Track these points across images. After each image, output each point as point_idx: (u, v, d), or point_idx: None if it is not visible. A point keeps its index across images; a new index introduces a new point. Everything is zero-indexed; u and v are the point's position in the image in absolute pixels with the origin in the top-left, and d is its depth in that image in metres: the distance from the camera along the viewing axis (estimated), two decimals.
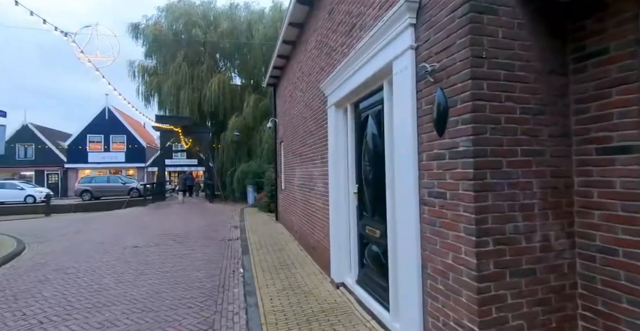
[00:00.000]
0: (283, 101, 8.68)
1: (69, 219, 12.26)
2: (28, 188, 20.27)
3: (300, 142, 6.38)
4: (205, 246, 7.22)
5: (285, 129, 8.43)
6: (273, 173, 11.16)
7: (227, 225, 10.16)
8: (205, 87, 18.06)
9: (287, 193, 8.21)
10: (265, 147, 15.24)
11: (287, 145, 8.09)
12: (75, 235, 8.76)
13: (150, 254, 6.53)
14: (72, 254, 6.67)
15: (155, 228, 9.72)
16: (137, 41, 19.98)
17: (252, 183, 15.26)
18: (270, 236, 7.72)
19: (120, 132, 29.31)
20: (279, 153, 9.81)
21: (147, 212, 13.92)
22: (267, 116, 16.74)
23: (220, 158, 18.46)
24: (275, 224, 9.49)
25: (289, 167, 7.89)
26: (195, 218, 11.77)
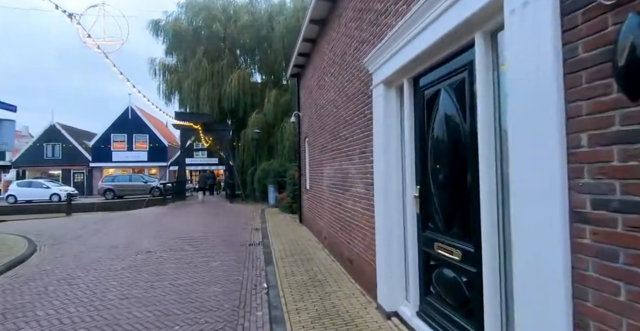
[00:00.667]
0: (308, 92, 7.85)
1: (89, 219, 11.99)
2: (53, 186, 20.56)
3: (331, 135, 5.51)
4: (224, 252, 6.51)
5: (310, 123, 7.60)
6: (296, 172, 10.38)
7: (248, 228, 9.46)
8: (225, 83, 17.57)
9: (313, 194, 7.37)
10: (287, 145, 14.51)
11: (313, 140, 7.25)
12: (90, 238, 8.30)
13: (164, 261, 5.87)
14: (82, 259, 6.12)
15: (172, 230, 9.15)
16: (158, 38, 19.80)
17: (273, 183, 14.56)
18: (295, 242, 6.91)
19: (143, 131, 29.55)
20: (302, 150, 9.00)
21: (166, 211, 13.51)
22: (288, 112, 16.02)
23: (241, 157, 17.93)
24: (299, 227, 8.68)
25: (316, 165, 7.05)
26: (214, 219, 11.18)
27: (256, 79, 19.49)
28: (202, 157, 32.03)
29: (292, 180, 11.92)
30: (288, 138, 14.46)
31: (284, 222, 9.70)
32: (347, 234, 4.68)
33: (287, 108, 16.42)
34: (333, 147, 5.43)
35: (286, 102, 16.63)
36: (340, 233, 5.04)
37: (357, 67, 4.09)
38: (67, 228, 9.94)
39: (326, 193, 5.99)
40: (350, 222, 4.53)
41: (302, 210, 9.04)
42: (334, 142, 5.35)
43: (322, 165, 6.39)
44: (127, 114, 29.48)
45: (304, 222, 8.78)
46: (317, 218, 6.86)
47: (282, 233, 7.87)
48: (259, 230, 8.96)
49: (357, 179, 4.18)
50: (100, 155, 28.27)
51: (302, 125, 9.01)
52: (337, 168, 5.21)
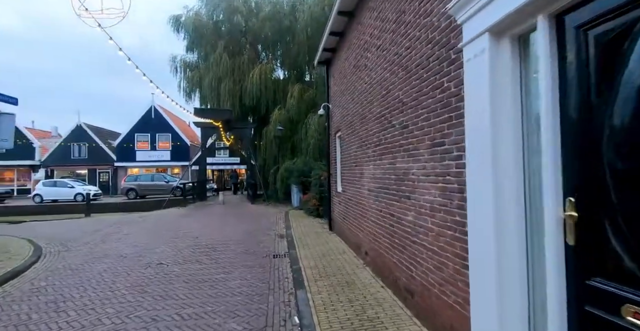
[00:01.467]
0: (340, 78, 6.72)
1: (106, 221, 11.45)
2: (77, 186, 20.59)
3: (378, 125, 4.36)
4: (244, 266, 5.51)
5: (344, 114, 6.47)
6: (324, 172, 9.30)
7: (271, 233, 8.47)
8: (247, 79, 16.75)
9: (348, 199, 6.24)
10: (312, 142, 13.45)
11: (348, 134, 6.12)
12: (100, 244, 7.58)
13: (175, 278, 4.93)
14: (84, 273, 5.31)
15: (190, 235, 8.30)
16: (179, 34, 19.33)
17: (297, 183, 13.55)
18: (327, 255, 5.80)
19: (166, 131, 29.46)
20: (332, 147, 7.89)
21: (185, 213, 12.81)
22: (313, 108, 14.96)
23: (262, 156, 17.06)
24: (329, 236, 7.58)
25: (351, 164, 5.92)
26: (235, 222, 10.29)
27: (278, 75, 18.60)
28: (224, 156, 31.60)
29: (318, 181, 10.85)
30: (313, 136, 13.41)
31: (310, 228, 8.63)
32: (404, 255, 3.52)
33: (311, 104, 15.37)
34: (380, 140, 4.28)
35: (310, 98, 15.58)
36: (392, 252, 3.89)
37: (427, 25, 2.92)
38: (81, 231, 9.34)
39: (368, 199, 4.85)
40: (411, 240, 3.36)
41: (332, 216, 7.93)
42: (382, 133, 4.20)
43: (361, 164, 5.26)
44: (150, 114, 29.49)
45: (335, 230, 7.67)
46: (355, 229, 5.72)
47: (311, 243, 6.79)
48: (284, 237, 7.95)
49: (425, 183, 3.01)
50: (124, 155, 28.40)
51: (332, 119, 7.90)
52: (386, 167, 4.05)
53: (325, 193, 9.29)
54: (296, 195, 13.60)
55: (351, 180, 5.97)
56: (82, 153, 27.67)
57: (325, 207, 9.32)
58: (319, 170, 11.01)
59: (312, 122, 13.66)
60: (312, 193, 11.21)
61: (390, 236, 3.94)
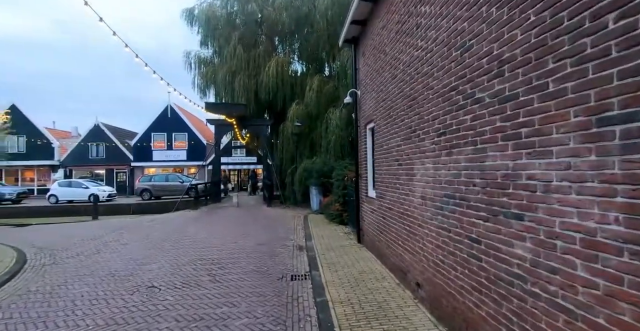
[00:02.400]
0: (375, 54, 5.36)
1: (111, 226, 10.57)
2: (92, 187, 20.14)
3: (445, 104, 2.99)
4: (255, 294, 4.27)
5: (379, 100, 5.12)
6: (350, 172, 7.99)
7: (289, 244, 7.23)
8: (262, 72, 15.61)
9: (387, 207, 4.89)
10: (333, 139, 12.12)
11: (387, 124, 4.77)
12: (92, 256, 6.56)
13: (164, 314, 3.75)
14: (55, 300, 4.23)
15: (195, 245, 7.18)
16: (192, 28, 18.48)
17: (316, 184, 12.28)
18: (361, 280, 4.47)
19: (182, 130, 28.93)
20: (361, 142, 6.55)
21: (196, 217, 11.78)
22: (333, 102, 13.63)
23: (279, 155, 15.89)
24: (358, 250, 6.23)
25: (392, 161, 4.56)
26: (248, 229, 9.12)
27: (296, 68, 17.38)
28: (241, 155, 30.79)
29: (341, 182, 9.52)
30: (334, 132, 12.08)
31: (335, 239, 7.31)
32: (506, 311, 2.14)
33: (332, 97, 14.05)
34: (447, 126, 2.92)
35: (331, 91, 14.24)
36: (474, 297, 2.51)
37: None
38: (80, 238, 8.42)
39: (423, 210, 3.49)
40: (524, 290, 1.99)
41: (362, 225, 6.59)
42: (451, 116, 2.83)
43: (408, 162, 3.90)
44: (166, 113, 29.04)
45: (366, 243, 6.33)
46: (397, 247, 4.37)
47: (337, 261, 5.47)
48: (304, 249, 6.69)
49: (571, 195, 1.64)
50: (141, 155, 28.06)
51: (360, 108, 6.56)
52: (462, 165, 2.69)
53: (351, 197, 7.97)
54: (315, 197, 12.32)
55: (391, 183, 4.62)
56: (100, 153, 27.51)
57: (351, 213, 8.00)
58: (342, 170, 9.68)
59: (333, 116, 12.34)
60: (334, 197, 9.89)
61: (472, 271, 2.57)
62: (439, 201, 3.10)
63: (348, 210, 8.77)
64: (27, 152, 26.08)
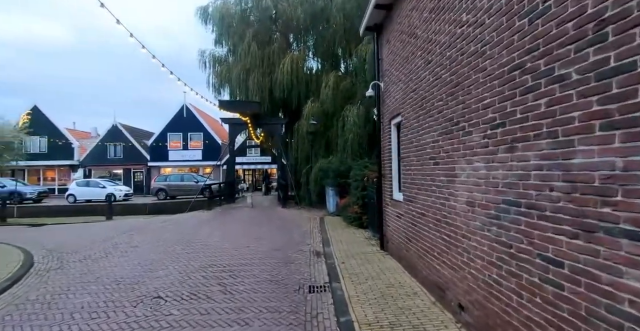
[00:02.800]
0: (403, 39, 4.78)
1: (124, 226, 10.37)
2: (109, 186, 20.29)
3: (505, 87, 2.41)
4: (270, 310, 3.79)
5: (408, 90, 4.55)
6: (372, 172, 7.43)
7: (305, 249, 6.74)
8: (277, 70, 15.19)
9: (418, 212, 4.31)
10: (350, 138, 11.56)
11: (418, 117, 4.19)
12: (100, 260, 6.26)
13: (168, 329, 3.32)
14: (53, 312, 3.88)
15: (207, 249, 6.79)
16: (207, 26, 18.28)
17: (333, 185, 11.74)
18: (389, 296, 3.91)
19: (198, 130, 28.97)
20: (385, 139, 5.98)
21: (209, 218, 11.46)
22: (350, 99, 13.07)
23: (294, 154, 15.43)
24: (382, 258, 5.66)
25: (425, 159, 3.99)
26: (262, 231, 8.69)
27: (311, 65, 16.89)
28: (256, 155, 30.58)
29: (360, 183, 8.96)
30: (351, 130, 11.51)
31: (355, 244, 6.76)
32: None
33: (348, 94, 13.49)
34: (507, 115, 2.33)
35: (347, 87, 13.68)
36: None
37: None
38: (91, 239, 8.20)
39: (471, 218, 2.91)
40: None
41: (385, 231, 6.01)
42: (512, 103, 2.25)
43: (448, 160, 3.32)
44: (182, 113, 29.15)
45: (391, 250, 5.74)
46: (432, 259, 3.79)
47: (360, 271, 4.92)
48: (321, 255, 6.18)
49: None
50: (157, 154, 28.26)
51: (384, 101, 5.99)
52: (531, 164, 2.11)
53: (372, 199, 7.40)
54: (332, 198, 11.79)
55: (424, 185, 4.04)
56: (118, 153, 27.87)
57: (372, 216, 7.43)
58: (361, 170, 9.11)
59: (350, 114, 11.78)
60: (352, 198, 9.33)
61: (547, 302, 1.98)
62: (494, 208, 2.51)
63: (368, 212, 8.20)
64: (49, 152, 26.68)
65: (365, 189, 8.53)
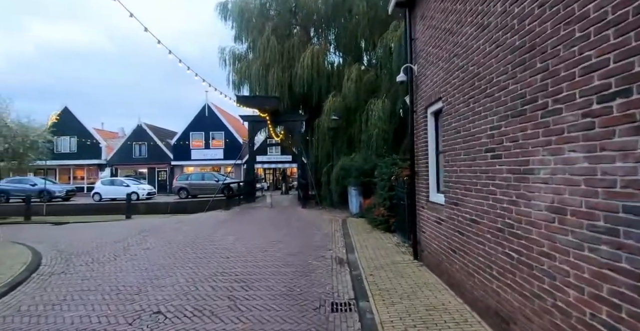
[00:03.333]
0: (446, 7, 3.95)
1: (140, 226, 10.11)
2: (133, 185, 20.50)
3: None
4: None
5: (453, 69, 3.73)
6: (403, 170, 6.62)
7: (326, 255, 6.05)
8: (297, 64, 14.59)
9: (462, 216, 3.49)
10: (374, 133, 10.73)
11: (467, 100, 3.38)
12: (107, 264, 5.85)
13: None
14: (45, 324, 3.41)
15: (219, 255, 6.24)
16: (226, 23, 17.98)
17: (356, 184, 10.97)
18: (431, 322, 3.12)
19: (219, 129, 28.99)
20: (419, 131, 5.15)
21: (226, 218, 11.01)
22: (374, 93, 12.22)
23: (315, 152, 14.78)
24: (417, 270, 4.84)
25: (479, 151, 3.17)
26: (280, 234, 8.07)
27: (332, 58, 16.17)
28: (276, 153, 30.24)
29: (385, 182, 8.14)
30: (376, 125, 10.67)
31: (383, 252, 5.97)
32: None
33: (372, 87, 12.67)
34: (628, 80, 1.50)
35: (371, 80, 12.86)
36: None
37: None
38: (104, 240, 7.91)
39: (556, 231, 2.10)
40: None
41: (420, 238, 5.18)
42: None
43: (515, 151, 2.51)
44: (204, 112, 29.27)
45: (426, 260, 4.92)
46: (487, 278, 2.97)
47: (392, 287, 4.14)
48: (345, 264, 5.47)
49: None
50: (180, 154, 28.53)
51: (418, 87, 5.17)
52: None
53: (401, 200, 6.59)
54: (355, 199, 11.02)
55: (476, 184, 3.22)
56: (143, 153, 28.36)
57: (401, 219, 6.62)
58: (387, 168, 8.29)
59: (374, 108, 10.95)
60: (378, 199, 8.51)
61: None
62: (606, 219, 1.69)
63: (396, 215, 7.38)
64: (78, 152, 27.55)
65: (393, 189, 7.72)
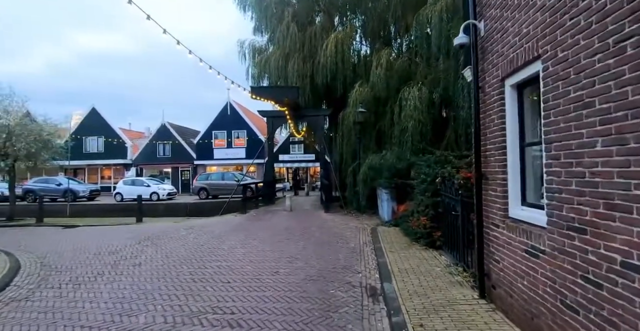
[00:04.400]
0: None
1: (144, 233, 9.15)
2: (153, 185, 20.09)
3: None
4: None
5: (559, 9, 2.14)
6: (465, 172, 5.06)
7: (354, 282, 4.62)
8: (319, 53, 13.20)
9: (595, 255, 1.91)
10: (410, 126, 9.10)
11: (604, 52, 1.78)
12: (81, 287, 4.77)
13: None
14: None
15: (218, 279, 4.98)
16: (245, 14, 17.00)
17: (387, 186, 9.41)
18: None
19: (241, 127, 28.29)
20: (490, 116, 3.58)
21: (238, 225, 9.82)
22: (408, 81, 10.54)
23: (339, 149, 13.32)
24: (487, 316, 3.27)
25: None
26: (297, 249, 6.71)
27: (358, 46, 14.62)
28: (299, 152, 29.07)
29: (427, 185, 6.54)
30: (412, 116, 9.04)
31: (431, 281, 4.41)
32: None
33: (405, 74, 11.00)
34: None
35: (404, 67, 11.19)
36: None
37: None
38: (98, 250, 6.95)
39: None
40: None
41: (490, 268, 3.60)
42: None
43: None
44: (226, 110, 28.68)
45: (499, 301, 3.34)
46: None
47: None
48: (379, 298, 4.03)
49: None
50: (203, 153, 28.13)
51: (487, 51, 3.58)
52: None
53: (451, 208, 5.01)
54: (386, 203, 9.45)
55: (635, 199, 1.64)
56: (167, 152, 28.24)
57: (451, 234, 5.04)
58: (430, 166, 6.69)
59: (409, 96, 9.31)
60: (418, 206, 6.90)
61: None
62: None
63: (444, 228, 5.80)
64: (105, 152, 27.86)
65: (438, 194, 6.13)
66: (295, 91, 12.78)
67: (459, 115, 8.10)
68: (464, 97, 7.59)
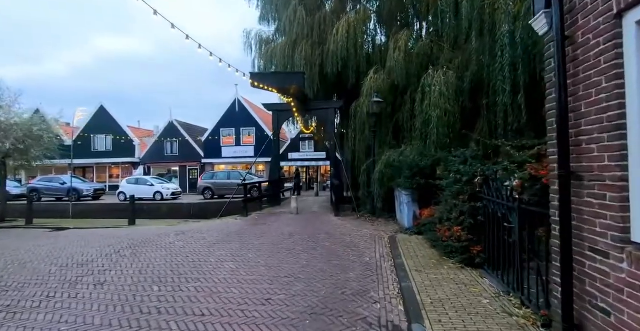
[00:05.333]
0: None
1: (126, 241, 8.12)
2: (157, 184, 19.30)
3: None
4: None
5: None
6: (534, 167, 3.77)
7: (370, 318, 3.36)
8: (329, 39, 11.96)
9: None
10: (434, 117, 7.73)
11: None
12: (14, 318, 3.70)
13: None
14: None
15: (192, 310, 3.83)
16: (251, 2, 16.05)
17: (408, 187, 8.09)
18: None
19: (250, 125, 27.32)
20: (594, 78, 2.26)
21: (235, 231, 8.68)
22: (430, 66, 9.16)
23: (351, 146, 12.04)
24: None
25: None
26: (298, 265, 5.49)
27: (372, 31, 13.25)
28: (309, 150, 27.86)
29: (460, 187, 5.20)
30: (437, 104, 7.67)
31: (481, 322, 3.13)
32: None
33: (426, 58, 9.64)
34: None
35: (425, 51, 9.80)
36: None
37: None
38: (67, 261, 5.93)
39: None
40: None
41: (583, 323, 2.30)
42: None
43: None
44: (234, 107, 27.77)
45: None
46: None
47: None
48: None
49: None
50: (211, 151, 27.33)
51: None
52: None
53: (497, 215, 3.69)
54: (407, 207, 8.13)
55: None
56: (174, 150, 27.61)
57: (498, 250, 3.72)
58: (463, 164, 5.35)
59: (434, 82, 7.95)
60: (449, 213, 5.55)
61: None
62: None
63: (485, 240, 4.48)
64: (113, 150, 27.41)
65: (478, 198, 4.80)
66: (300, 77, 11.54)
67: (496, 102, 6.70)
68: (504, 78, 6.21)
